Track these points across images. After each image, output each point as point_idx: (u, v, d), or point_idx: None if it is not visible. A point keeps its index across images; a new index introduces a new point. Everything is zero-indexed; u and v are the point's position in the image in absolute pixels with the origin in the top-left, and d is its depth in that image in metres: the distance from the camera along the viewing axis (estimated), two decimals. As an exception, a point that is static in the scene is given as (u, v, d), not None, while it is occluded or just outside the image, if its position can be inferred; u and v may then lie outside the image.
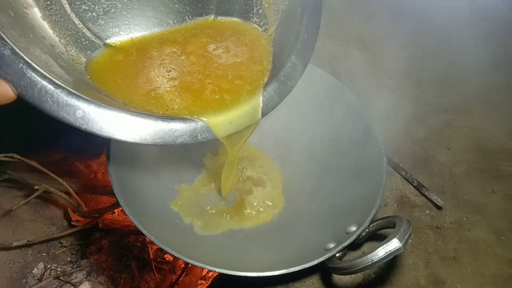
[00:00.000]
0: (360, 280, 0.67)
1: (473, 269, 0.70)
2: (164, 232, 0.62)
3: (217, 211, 0.72)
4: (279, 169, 0.80)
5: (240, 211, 0.73)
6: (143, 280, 0.93)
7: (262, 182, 0.77)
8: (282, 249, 0.67)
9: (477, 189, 0.80)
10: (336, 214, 0.68)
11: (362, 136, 0.71)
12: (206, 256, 0.63)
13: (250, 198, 0.74)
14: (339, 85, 0.75)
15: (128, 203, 0.57)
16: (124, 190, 0.59)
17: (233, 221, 0.71)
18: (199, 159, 0.79)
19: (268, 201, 0.75)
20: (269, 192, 0.76)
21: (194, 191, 0.75)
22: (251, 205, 0.74)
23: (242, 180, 0.77)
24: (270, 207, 0.74)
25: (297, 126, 0.80)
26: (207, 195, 0.74)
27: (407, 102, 0.93)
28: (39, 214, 0.89)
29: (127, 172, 0.65)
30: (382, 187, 0.63)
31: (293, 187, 0.77)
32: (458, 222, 0.76)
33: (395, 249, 0.51)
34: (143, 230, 0.54)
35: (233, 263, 0.63)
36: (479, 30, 1.13)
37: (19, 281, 0.82)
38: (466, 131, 0.90)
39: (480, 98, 0.98)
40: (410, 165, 0.82)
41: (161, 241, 0.54)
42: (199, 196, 0.74)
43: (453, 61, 1.05)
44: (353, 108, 0.73)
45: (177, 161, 0.77)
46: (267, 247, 0.67)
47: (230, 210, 0.72)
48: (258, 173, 0.78)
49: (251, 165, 0.79)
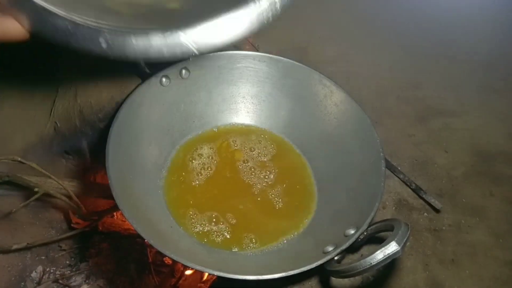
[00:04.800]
0: (358, 283, 0.67)
1: (471, 272, 0.70)
2: (163, 235, 0.63)
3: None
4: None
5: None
6: (142, 283, 0.93)
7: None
8: (280, 252, 0.67)
9: (475, 192, 0.80)
10: (334, 217, 0.68)
11: (360, 138, 0.71)
12: (205, 259, 0.63)
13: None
14: (336, 87, 0.75)
15: (127, 205, 0.57)
16: (123, 192, 0.59)
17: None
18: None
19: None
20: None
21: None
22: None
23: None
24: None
25: (290, 127, 0.81)
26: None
27: (405, 104, 0.93)
28: (39, 217, 0.89)
29: (126, 175, 0.65)
30: (380, 190, 0.63)
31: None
32: (456, 224, 0.76)
33: (393, 252, 0.51)
34: (141, 233, 0.54)
35: (231, 267, 0.63)
36: (478, 31, 1.13)
37: (17, 284, 0.82)
38: (464, 133, 0.90)
39: (478, 100, 0.98)
40: (409, 168, 0.82)
41: (160, 244, 0.54)
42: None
43: (451, 63, 1.06)
44: (352, 111, 0.73)
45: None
46: (266, 250, 0.67)
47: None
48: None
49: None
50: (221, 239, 0.67)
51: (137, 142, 0.71)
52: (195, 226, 0.68)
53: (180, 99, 0.77)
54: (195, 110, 0.79)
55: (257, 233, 0.69)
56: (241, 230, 0.69)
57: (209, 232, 0.68)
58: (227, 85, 0.80)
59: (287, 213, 0.72)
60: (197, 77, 0.77)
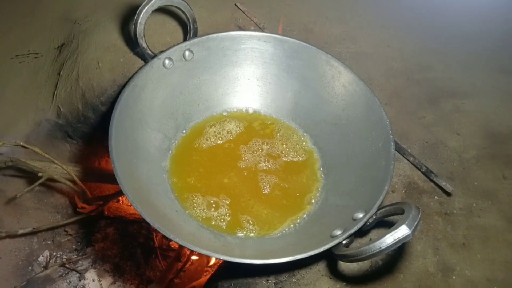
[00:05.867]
0: (367, 267, 0.66)
1: (483, 256, 0.69)
2: (168, 219, 0.62)
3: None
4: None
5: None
6: (149, 268, 0.93)
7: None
8: (287, 236, 0.66)
9: (487, 175, 0.78)
10: (343, 200, 0.67)
11: (369, 120, 0.70)
12: (210, 243, 0.63)
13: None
14: (344, 68, 0.73)
15: (131, 190, 0.56)
16: (126, 176, 0.58)
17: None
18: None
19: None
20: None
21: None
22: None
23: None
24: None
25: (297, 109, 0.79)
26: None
27: (415, 85, 0.91)
28: (44, 202, 0.88)
29: (130, 159, 0.64)
30: (390, 173, 0.62)
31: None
32: (467, 208, 0.74)
33: (404, 236, 0.49)
34: (145, 217, 0.54)
35: (237, 251, 0.63)
36: (490, 12, 1.10)
37: (25, 268, 0.82)
38: (476, 115, 0.87)
39: (491, 82, 0.95)
40: (419, 150, 0.80)
41: (165, 228, 0.53)
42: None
43: (462, 44, 1.02)
44: (361, 93, 0.71)
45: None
46: (272, 234, 0.66)
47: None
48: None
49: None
50: (226, 223, 0.66)
51: (141, 126, 0.69)
52: (201, 210, 0.67)
53: (183, 81, 0.75)
54: (199, 93, 0.78)
55: (263, 217, 0.68)
56: (246, 214, 0.68)
57: (214, 217, 0.67)
58: (231, 67, 0.78)
59: (294, 197, 0.71)
60: (201, 59, 0.75)
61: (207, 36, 0.74)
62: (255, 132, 0.78)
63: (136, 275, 0.91)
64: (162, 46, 0.75)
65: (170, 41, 0.83)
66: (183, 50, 0.73)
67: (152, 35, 0.81)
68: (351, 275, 0.65)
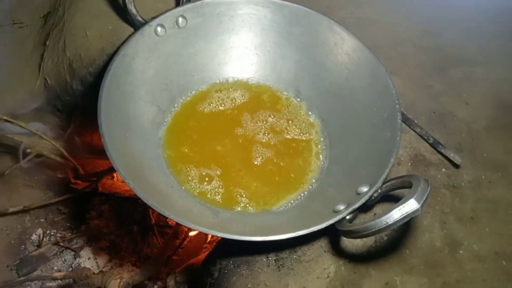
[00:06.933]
0: (371, 243, 0.64)
1: (491, 229, 0.67)
2: (164, 196, 0.59)
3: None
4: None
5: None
6: (146, 245, 0.91)
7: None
8: (288, 212, 0.64)
9: (497, 146, 0.75)
10: (346, 174, 0.64)
11: (375, 90, 0.66)
12: (208, 220, 0.60)
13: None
14: (348, 34, 0.68)
15: (122, 165, 0.53)
16: (118, 151, 0.55)
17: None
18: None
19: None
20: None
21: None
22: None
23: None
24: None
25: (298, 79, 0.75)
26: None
27: (422, 53, 0.86)
28: (35, 179, 0.86)
29: (122, 133, 0.60)
30: (396, 145, 0.58)
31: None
32: (476, 181, 0.71)
33: (412, 210, 0.47)
34: (138, 193, 0.51)
35: (236, 227, 0.60)
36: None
37: (17, 247, 0.81)
38: (486, 84, 0.84)
39: (502, 49, 0.91)
40: (426, 121, 0.77)
41: (159, 205, 0.50)
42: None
43: (472, 9, 0.97)
44: (366, 60, 0.67)
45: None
46: (272, 210, 0.64)
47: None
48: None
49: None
50: (223, 198, 0.63)
51: (133, 98, 0.66)
52: (195, 184, 0.64)
53: (177, 50, 0.71)
54: (194, 63, 0.73)
55: (262, 192, 0.65)
56: (245, 189, 0.65)
57: (208, 190, 0.64)
58: (228, 34, 0.74)
59: (294, 171, 0.68)
60: (195, 26, 0.70)
61: (202, 1, 0.70)
62: (254, 102, 0.74)
63: (133, 252, 0.90)
64: (153, 12, 0.70)
65: (162, 7, 0.77)
66: (176, 16, 0.68)
67: (143, 0, 0.76)
68: (355, 251, 0.63)
